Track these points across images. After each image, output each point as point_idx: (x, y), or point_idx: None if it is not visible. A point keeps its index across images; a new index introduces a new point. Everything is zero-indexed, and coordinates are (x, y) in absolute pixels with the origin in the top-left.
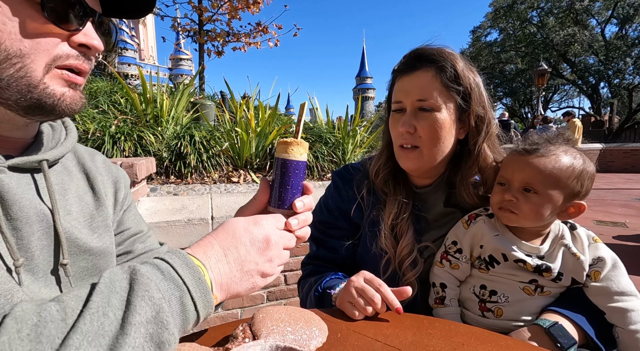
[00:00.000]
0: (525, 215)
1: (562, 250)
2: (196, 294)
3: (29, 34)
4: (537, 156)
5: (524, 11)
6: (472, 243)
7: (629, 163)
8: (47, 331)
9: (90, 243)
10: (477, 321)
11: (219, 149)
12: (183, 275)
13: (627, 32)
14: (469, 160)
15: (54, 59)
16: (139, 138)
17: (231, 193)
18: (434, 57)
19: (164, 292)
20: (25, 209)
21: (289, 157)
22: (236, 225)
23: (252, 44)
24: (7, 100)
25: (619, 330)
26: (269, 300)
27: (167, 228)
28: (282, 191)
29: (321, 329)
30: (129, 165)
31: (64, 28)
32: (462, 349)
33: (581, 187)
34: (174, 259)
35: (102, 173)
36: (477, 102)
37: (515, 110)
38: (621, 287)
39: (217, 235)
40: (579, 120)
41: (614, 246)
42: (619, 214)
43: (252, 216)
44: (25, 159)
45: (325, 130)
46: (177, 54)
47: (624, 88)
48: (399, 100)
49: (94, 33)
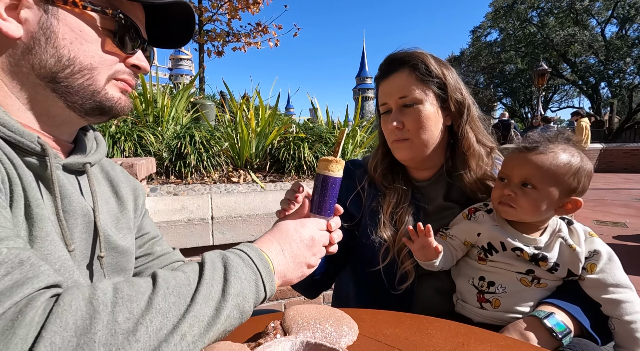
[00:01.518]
0: (523, 209)
1: (559, 241)
2: (266, 278)
3: (99, 53)
4: (536, 153)
5: (524, 11)
6: (468, 231)
7: (629, 163)
8: (182, 290)
9: (117, 241)
10: (475, 313)
11: (219, 149)
12: (257, 264)
13: (627, 32)
14: (458, 144)
15: (114, 73)
16: (139, 139)
17: (231, 193)
18: (406, 58)
19: (246, 275)
20: (74, 204)
21: (330, 174)
22: (288, 227)
23: (252, 44)
24: (75, 104)
25: (614, 321)
26: (269, 300)
27: (167, 228)
28: (322, 201)
29: (351, 327)
30: (129, 165)
31: (124, 51)
32: (462, 349)
33: (578, 183)
34: (250, 251)
35: (123, 181)
36: (453, 89)
37: (515, 110)
38: (616, 279)
39: (274, 234)
40: (587, 120)
41: (614, 246)
42: (619, 214)
43: (299, 219)
44: (75, 160)
45: (325, 130)
46: (177, 54)
47: (624, 88)
48: (384, 102)
49: (143, 57)
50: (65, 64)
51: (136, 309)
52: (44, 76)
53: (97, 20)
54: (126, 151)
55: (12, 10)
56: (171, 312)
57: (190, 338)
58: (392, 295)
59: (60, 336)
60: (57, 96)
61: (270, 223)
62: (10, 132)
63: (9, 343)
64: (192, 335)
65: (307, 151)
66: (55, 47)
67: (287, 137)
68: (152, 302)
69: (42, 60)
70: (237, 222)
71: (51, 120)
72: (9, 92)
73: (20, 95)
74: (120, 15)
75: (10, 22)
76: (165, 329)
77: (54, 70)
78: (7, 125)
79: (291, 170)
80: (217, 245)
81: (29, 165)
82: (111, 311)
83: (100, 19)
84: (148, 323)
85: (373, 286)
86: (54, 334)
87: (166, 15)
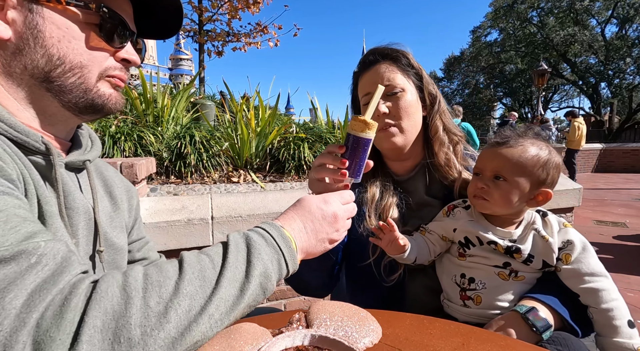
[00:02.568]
0: (496, 201)
1: (532, 233)
2: (288, 256)
3: (88, 49)
4: (506, 147)
5: (524, 11)
6: (445, 227)
7: (629, 163)
8: (207, 273)
9: (113, 238)
10: (459, 312)
11: (219, 149)
12: (279, 243)
13: (627, 32)
14: (428, 132)
15: (104, 70)
16: (139, 138)
17: (231, 193)
18: (387, 51)
19: (268, 255)
20: (77, 201)
21: (363, 136)
22: (311, 203)
23: (252, 44)
24: (69, 102)
25: (592, 310)
26: (269, 300)
27: (167, 228)
28: (351, 163)
29: (373, 329)
30: (129, 165)
31: (112, 45)
32: (462, 349)
33: (547, 175)
34: (273, 231)
35: (116, 181)
36: (427, 82)
37: (515, 110)
38: (591, 268)
39: (297, 211)
40: (581, 120)
41: (614, 246)
42: (619, 214)
43: (322, 195)
44: (76, 157)
45: (325, 130)
46: (177, 54)
47: (624, 89)
48: (367, 92)
49: (132, 50)
50: (56, 63)
51: (165, 293)
52: (37, 76)
53: (80, 16)
54: (126, 151)
55: None
56: (198, 295)
57: (218, 316)
58: (383, 287)
59: (101, 320)
60: (52, 95)
61: None
62: (17, 132)
63: (60, 325)
64: (219, 313)
65: (307, 151)
66: (44, 46)
67: (287, 137)
68: (179, 287)
69: (33, 60)
70: (237, 222)
71: (48, 119)
72: (6, 93)
73: (17, 95)
74: (104, 9)
75: None
76: (194, 310)
77: (46, 70)
78: (13, 126)
79: (291, 170)
80: None
81: (34, 164)
82: (142, 296)
83: (83, 15)
84: (177, 306)
85: (365, 280)
86: (94, 318)
87: (155, 5)
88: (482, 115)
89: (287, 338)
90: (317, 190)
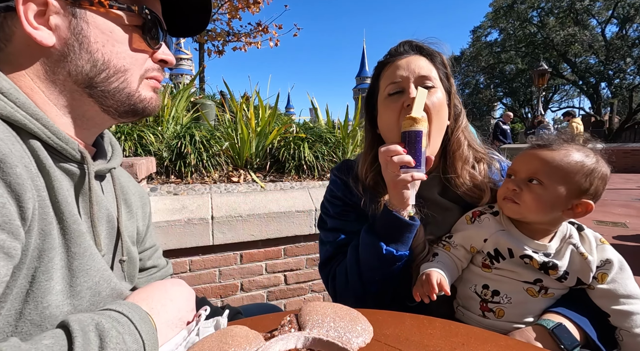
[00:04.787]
0: (527, 205)
1: (569, 249)
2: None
3: (131, 52)
4: (547, 150)
5: (524, 11)
6: (473, 236)
7: (629, 163)
8: None
9: (130, 247)
10: (476, 321)
11: (219, 149)
12: (140, 329)
13: (627, 32)
14: (449, 147)
15: (145, 73)
16: (139, 138)
17: (231, 193)
18: (424, 47)
19: (127, 346)
20: (102, 209)
21: (416, 128)
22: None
23: (253, 43)
24: (110, 107)
25: (623, 333)
26: (269, 299)
27: (167, 228)
28: (414, 156)
29: (366, 329)
30: (129, 165)
31: (151, 46)
32: (462, 349)
33: (590, 185)
34: (132, 314)
35: (131, 188)
36: (455, 92)
37: (516, 110)
38: (628, 290)
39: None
40: (579, 120)
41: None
42: (619, 214)
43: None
44: (103, 165)
45: (326, 130)
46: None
47: (625, 89)
48: (396, 80)
49: (167, 50)
50: (100, 68)
51: None
52: (80, 82)
53: (124, 18)
54: (126, 150)
55: (40, 17)
56: None
57: None
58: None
59: None
60: (94, 101)
61: (270, 223)
62: (58, 139)
63: None
64: None
65: (307, 151)
66: (89, 51)
67: (287, 136)
68: None
69: (78, 66)
70: (237, 221)
71: (85, 124)
72: (46, 99)
73: (57, 102)
74: (146, 11)
75: (42, 30)
76: None
77: (90, 76)
78: (56, 133)
79: (291, 170)
80: (217, 245)
81: (65, 172)
82: None
83: (127, 17)
84: None
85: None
86: None
87: (182, 2)
88: (482, 116)
89: (280, 341)
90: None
